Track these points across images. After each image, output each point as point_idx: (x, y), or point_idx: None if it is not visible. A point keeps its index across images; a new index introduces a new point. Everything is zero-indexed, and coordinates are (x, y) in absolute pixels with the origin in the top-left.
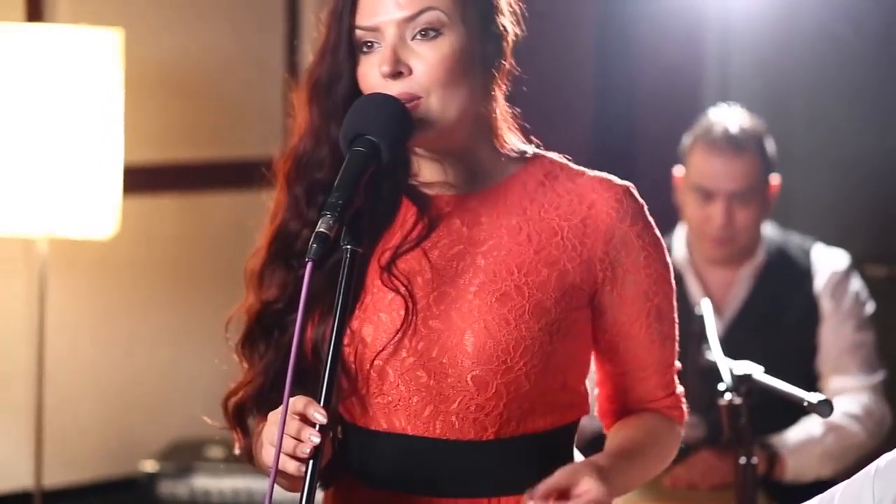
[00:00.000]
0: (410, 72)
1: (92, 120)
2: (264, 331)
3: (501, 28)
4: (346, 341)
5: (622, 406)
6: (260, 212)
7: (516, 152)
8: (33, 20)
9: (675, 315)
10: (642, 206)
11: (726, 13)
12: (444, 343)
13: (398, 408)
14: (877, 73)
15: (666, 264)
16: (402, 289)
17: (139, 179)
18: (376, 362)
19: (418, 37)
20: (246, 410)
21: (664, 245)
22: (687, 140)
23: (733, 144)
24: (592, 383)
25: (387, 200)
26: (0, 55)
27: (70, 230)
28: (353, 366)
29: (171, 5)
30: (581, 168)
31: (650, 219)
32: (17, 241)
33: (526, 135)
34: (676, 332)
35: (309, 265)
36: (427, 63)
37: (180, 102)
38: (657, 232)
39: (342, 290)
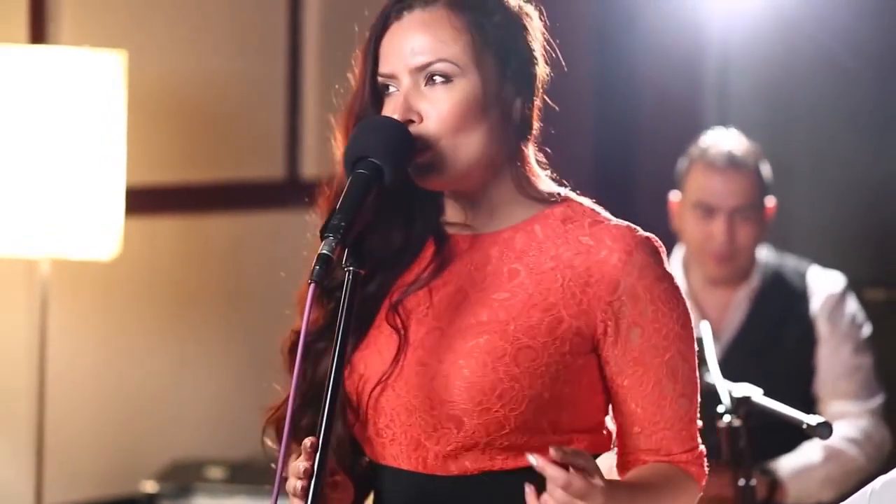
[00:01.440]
0: (421, 119)
1: (94, 141)
2: (293, 356)
3: (528, 71)
4: (347, 375)
5: (635, 459)
6: (262, 233)
7: (543, 194)
8: (36, 42)
9: (695, 374)
10: (656, 260)
11: (725, 38)
12: (429, 380)
13: (393, 442)
14: (876, 97)
15: (682, 322)
16: (399, 325)
17: (141, 201)
18: (371, 398)
19: (431, 83)
20: (279, 431)
21: (681, 298)
22: (683, 163)
23: (732, 161)
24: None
25: (416, 239)
26: (3, 77)
27: (72, 251)
28: (355, 400)
29: (174, 28)
30: (606, 215)
31: (666, 273)
32: (19, 263)
33: (560, 180)
34: (696, 392)
35: (311, 287)
36: (437, 110)
37: (183, 124)
38: (674, 287)
39: (343, 313)
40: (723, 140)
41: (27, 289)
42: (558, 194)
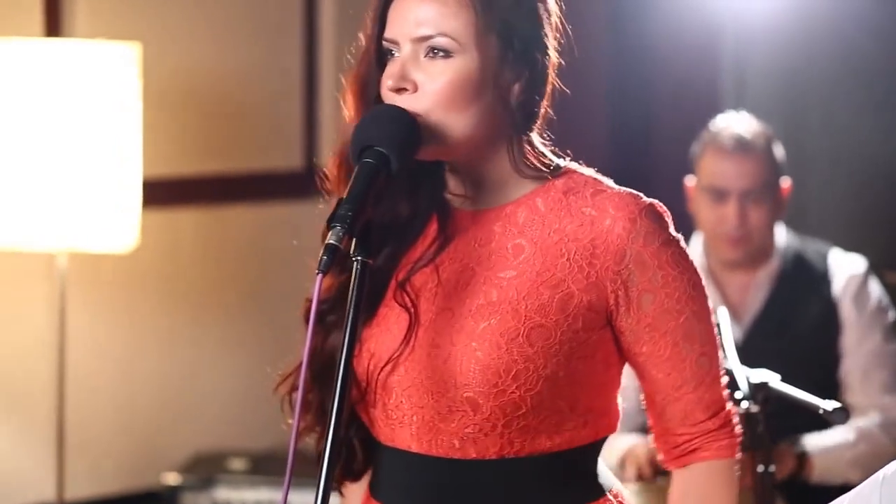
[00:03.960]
0: (416, 88)
1: (110, 134)
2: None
3: (532, 58)
4: (356, 352)
5: (665, 430)
6: (280, 224)
7: (544, 167)
8: (51, 35)
9: (713, 333)
10: (661, 226)
11: (741, 20)
12: (442, 362)
13: (402, 424)
14: (893, 78)
15: (693, 283)
16: (409, 304)
17: (159, 193)
18: (381, 377)
19: (430, 55)
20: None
21: (691, 264)
22: (696, 148)
23: (742, 144)
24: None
25: (421, 212)
26: (19, 70)
27: (90, 244)
28: (364, 380)
29: (189, 19)
30: (608, 184)
31: (672, 237)
32: (38, 256)
33: (558, 150)
34: (716, 350)
35: (319, 277)
36: (432, 83)
37: (199, 115)
38: (681, 251)
39: (353, 303)
40: (733, 123)
41: (46, 282)
42: (559, 166)
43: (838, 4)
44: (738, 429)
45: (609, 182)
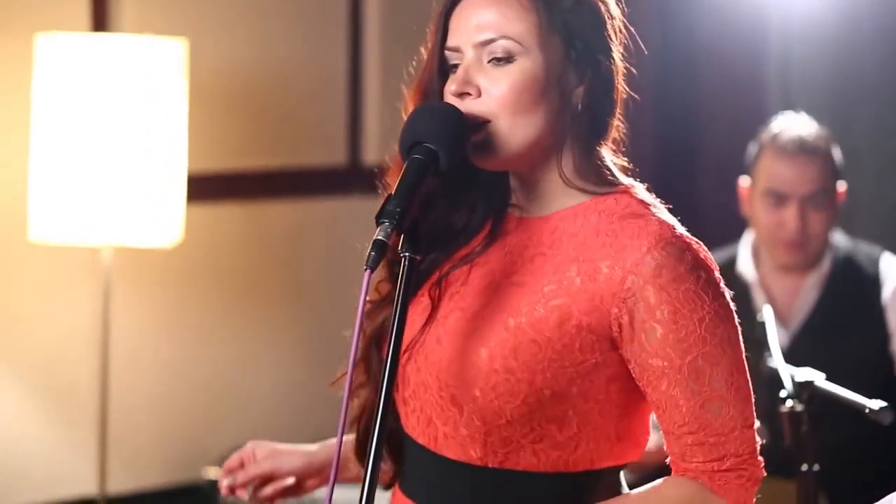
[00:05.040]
0: (479, 94)
1: (156, 129)
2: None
3: (594, 61)
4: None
5: (675, 466)
6: (323, 219)
7: (594, 185)
8: (98, 30)
9: (732, 378)
10: (679, 259)
11: (787, 18)
12: (438, 361)
13: (413, 414)
14: None
15: (706, 324)
16: (436, 299)
17: (203, 188)
18: (400, 365)
19: (493, 60)
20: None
21: (710, 301)
22: (754, 149)
23: (804, 148)
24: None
25: (477, 221)
26: (66, 65)
27: (134, 239)
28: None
29: (236, 15)
30: (651, 210)
31: (691, 274)
32: (82, 251)
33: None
34: (734, 397)
35: (366, 273)
36: (497, 87)
37: (244, 111)
38: (699, 289)
39: (400, 299)
40: (793, 125)
41: (90, 277)
42: (617, 185)
43: (884, 2)
44: (752, 481)
45: (660, 211)
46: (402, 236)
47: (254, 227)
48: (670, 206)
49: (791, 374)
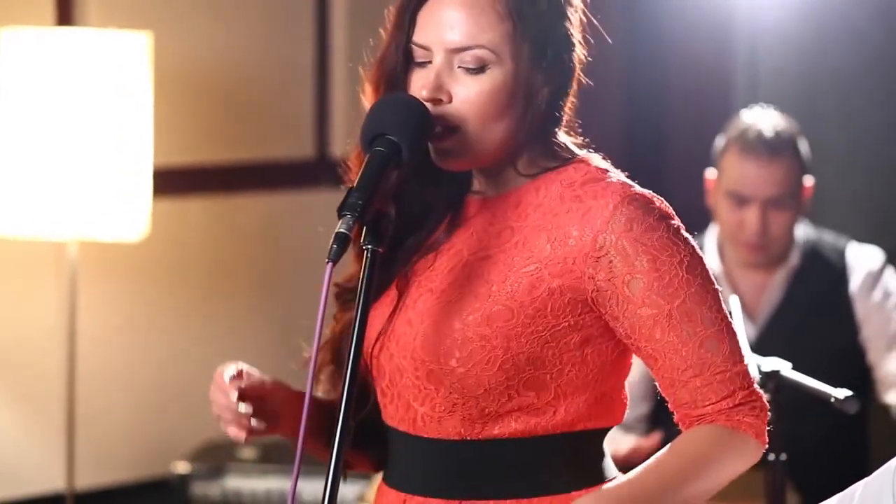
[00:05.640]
0: (450, 99)
1: (121, 123)
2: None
3: (562, 60)
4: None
5: (682, 413)
6: (290, 213)
7: (558, 158)
8: (63, 24)
9: (719, 315)
10: (646, 212)
11: (755, 13)
12: (411, 341)
13: (390, 404)
14: None
15: (689, 266)
16: (400, 285)
17: (169, 182)
18: (373, 356)
19: (464, 66)
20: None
21: (684, 245)
22: (720, 142)
23: (769, 148)
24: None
25: (441, 206)
26: (30, 59)
27: (100, 233)
28: (368, 359)
29: (201, 8)
30: (610, 175)
31: (660, 223)
32: (48, 245)
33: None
34: (724, 333)
35: (329, 266)
36: (468, 94)
37: (210, 104)
38: (672, 235)
39: (363, 291)
40: (760, 121)
41: (56, 271)
42: (574, 156)
43: None
44: (763, 411)
45: (618, 175)
46: (365, 229)
47: (221, 221)
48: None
49: (757, 364)
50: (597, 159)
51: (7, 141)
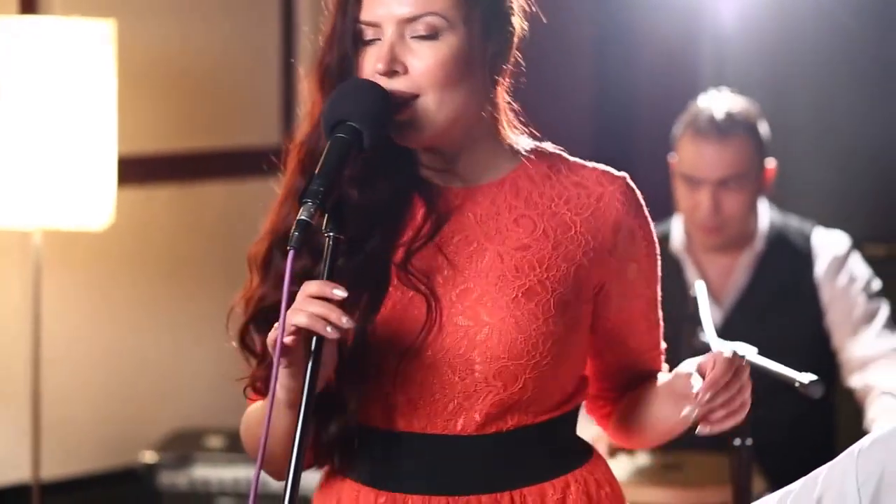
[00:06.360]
0: (406, 70)
1: (85, 111)
2: (265, 321)
3: (508, 28)
4: (371, 343)
5: (624, 392)
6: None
7: (518, 145)
8: (27, 12)
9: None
10: (640, 199)
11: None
12: (472, 339)
13: (418, 406)
14: (875, 54)
15: (658, 254)
16: (423, 287)
17: (134, 170)
18: (404, 363)
19: (417, 35)
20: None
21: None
22: (677, 128)
23: (718, 131)
24: None
25: (399, 195)
26: None
27: (64, 222)
28: (375, 366)
29: None
30: (577, 160)
31: (645, 209)
32: (12, 234)
33: (526, 128)
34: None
35: (291, 253)
36: (424, 63)
37: (175, 92)
38: (651, 222)
39: (324, 279)
40: (714, 104)
41: (20, 260)
42: (531, 145)
43: None
44: None
45: (574, 159)
46: (326, 216)
47: (186, 209)
48: None
49: (722, 349)
50: (550, 147)
51: None
